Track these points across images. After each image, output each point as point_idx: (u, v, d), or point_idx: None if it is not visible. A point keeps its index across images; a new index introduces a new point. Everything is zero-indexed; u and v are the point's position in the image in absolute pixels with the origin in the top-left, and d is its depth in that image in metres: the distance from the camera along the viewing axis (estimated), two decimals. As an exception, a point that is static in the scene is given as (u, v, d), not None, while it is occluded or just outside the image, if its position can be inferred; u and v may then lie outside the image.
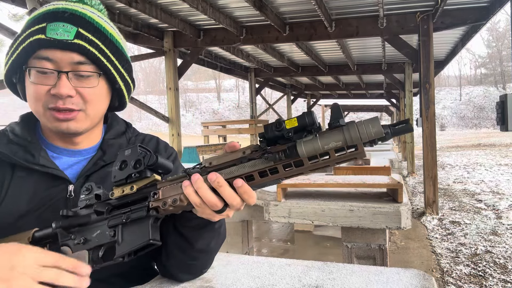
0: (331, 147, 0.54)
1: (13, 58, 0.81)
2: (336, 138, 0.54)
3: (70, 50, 0.78)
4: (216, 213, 0.64)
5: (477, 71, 61.06)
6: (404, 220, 1.91)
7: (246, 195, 0.62)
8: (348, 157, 0.55)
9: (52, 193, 0.83)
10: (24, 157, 0.81)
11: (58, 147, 0.88)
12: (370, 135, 0.53)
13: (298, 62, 9.93)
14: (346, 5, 5.41)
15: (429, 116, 5.27)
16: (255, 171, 0.59)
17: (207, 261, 0.88)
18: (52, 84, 0.78)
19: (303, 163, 0.56)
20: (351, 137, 0.53)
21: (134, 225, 0.66)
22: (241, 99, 57.91)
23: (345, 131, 0.54)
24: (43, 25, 0.77)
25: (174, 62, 6.51)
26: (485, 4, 5.26)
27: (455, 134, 37.05)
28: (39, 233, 0.72)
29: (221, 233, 0.86)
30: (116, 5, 5.04)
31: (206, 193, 0.62)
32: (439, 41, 7.18)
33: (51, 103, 0.79)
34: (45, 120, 0.82)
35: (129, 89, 0.92)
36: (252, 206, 2.76)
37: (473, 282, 3.14)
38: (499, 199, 6.19)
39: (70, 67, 0.79)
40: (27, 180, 0.82)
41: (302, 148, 0.55)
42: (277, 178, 0.59)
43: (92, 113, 0.84)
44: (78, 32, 0.78)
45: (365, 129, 0.53)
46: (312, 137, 0.55)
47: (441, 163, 11.92)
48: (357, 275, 0.86)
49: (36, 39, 0.77)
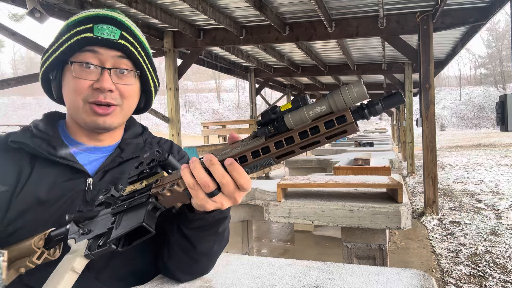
0: (316, 112, 0.54)
1: (56, 54, 0.86)
2: (320, 104, 0.55)
3: (115, 49, 0.86)
4: (209, 196, 0.64)
5: (477, 71, 61.08)
6: (404, 220, 1.91)
7: (236, 173, 0.62)
8: (338, 129, 0.54)
9: (71, 185, 0.86)
10: (47, 150, 0.86)
11: (81, 143, 0.93)
12: (353, 96, 0.52)
13: (298, 62, 9.93)
14: (346, 5, 5.42)
15: (429, 116, 5.27)
16: (247, 151, 0.60)
17: (208, 264, 0.89)
18: (95, 79, 0.85)
19: (294, 139, 0.57)
20: (334, 101, 0.53)
21: (132, 212, 0.68)
22: (241, 99, 57.93)
23: (329, 96, 0.54)
24: (89, 26, 0.85)
25: (174, 62, 6.51)
26: (485, 4, 5.26)
27: (455, 134, 37.06)
28: (54, 232, 0.75)
29: (224, 238, 0.86)
30: (116, 5, 5.04)
31: (199, 172, 0.63)
32: (439, 41, 7.18)
33: (92, 97, 0.85)
34: (82, 113, 0.87)
35: (156, 91, 1.00)
36: (252, 206, 2.76)
37: (473, 282, 3.14)
38: (499, 199, 6.19)
39: (112, 62, 0.87)
40: (48, 171, 0.86)
41: (289, 119, 0.56)
42: (269, 156, 0.59)
43: (126, 109, 0.92)
44: (122, 34, 0.87)
45: (347, 90, 0.52)
46: (299, 109, 0.56)
47: (441, 163, 11.92)
48: (357, 275, 0.86)
49: (84, 37, 0.84)
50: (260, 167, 0.61)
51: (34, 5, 3.85)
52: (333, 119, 0.54)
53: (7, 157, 0.85)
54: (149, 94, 0.99)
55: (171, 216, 0.84)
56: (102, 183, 0.88)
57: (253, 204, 2.70)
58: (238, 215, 2.83)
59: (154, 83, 0.98)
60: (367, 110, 0.54)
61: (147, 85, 0.96)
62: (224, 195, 0.65)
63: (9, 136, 0.87)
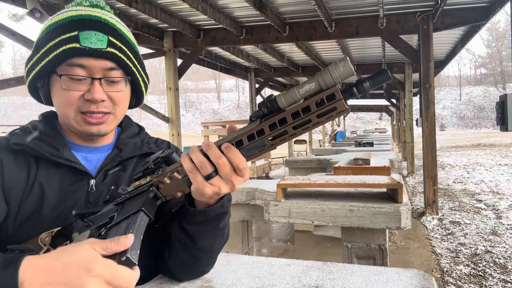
0: (306, 90, 0.57)
1: (42, 63, 0.83)
2: (309, 81, 0.57)
3: (104, 58, 0.83)
4: (206, 179, 0.66)
5: (477, 71, 61.08)
6: (404, 220, 1.91)
7: (231, 155, 0.64)
8: (328, 107, 0.56)
9: (75, 187, 0.86)
10: (49, 151, 0.85)
11: (76, 143, 0.92)
12: (340, 71, 0.54)
13: (298, 62, 9.93)
14: (346, 5, 5.42)
15: (429, 116, 5.27)
16: (243, 135, 0.63)
17: (208, 262, 0.89)
18: (85, 89, 0.83)
19: (286, 120, 0.59)
20: (323, 79, 0.55)
21: (133, 201, 0.69)
22: (241, 99, 57.92)
23: (317, 75, 0.56)
24: (75, 33, 0.81)
25: (174, 62, 6.51)
26: (485, 4, 5.26)
27: (455, 134, 37.05)
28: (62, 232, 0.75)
29: (224, 234, 0.87)
30: (116, 5, 5.04)
31: (197, 155, 0.66)
32: (439, 41, 7.18)
33: (84, 107, 0.84)
34: (75, 123, 0.86)
35: (146, 88, 1.00)
36: (252, 206, 2.76)
37: (473, 282, 3.14)
38: (499, 199, 6.19)
39: (102, 73, 0.84)
40: (53, 173, 0.85)
41: (281, 99, 0.59)
42: (264, 137, 0.61)
43: (119, 115, 0.91)
44: (109, 40, 0.84)
45: (334, 67, 0.54)
46: (291, 89, 0.59)
47: (441, 163, 11.92)
48: (357, 275, 0.86)
49: (71, 48, 0.80)
50: (256, 149, 0.63)
51: (34, 5, 3.85)
52: (323, 98, 0.56)
53: (14, 160, 0.84)
54: (140, 93, 0.98)
55: (172, 216, 0.84)
56: (105, 184, 0.88)
57: (253, 204, 2.70)
58: (238, 215, 2.83)
59: (145, 82, 0.97)
60: (355, 89, 0.55)
61: (138, 87, 0.95)
62: (222, 178, 0.67)
63: (11, 139, 0.86)
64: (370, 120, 50.30)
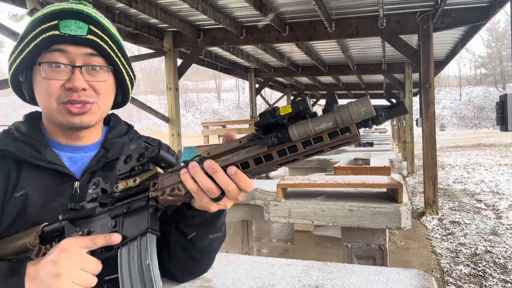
0: (322, 128, 0.54)
1: (23, 55, 0.82)
2: (326, 119, 0.54)
3: (84, 45, 0.82)
4: (214, 201, 0.65)
5: (477, 71, 61.06)
6: (404, 220, 1.91)
7: (241, 182, 0.62)
8: (342, 140, 0.55)
9: (60, 190, 0.85)
10: (31, 154, 0.83)
11: (60, 143, 0.90)
12: (361, 114, 0.53)
13: (298, 62, 9.93)
14: (346, 5, 5.41)
15: (429, 116, 5.26)
16: (249, 158, 0.60)
17: (208, 262, 0.89)
18: (66, 78, 0.81)
19: (297, 148, 0.57)
20: (341, 118, 0.53)
21: (134, 215, 0.68)
22: (241, 99, 57.90)
23: (336, 112, 0.54)
24: (55, 22, 0.81)
25: (174, 62, 6.51)
26: (485, 4, 5.26)
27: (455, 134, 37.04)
28: (48, 228, 0.75)
29: (222, 232, 0.86)
30: (116, 5, 5.04)
31: (202, 178, 0.63)
32: (439, 41, 7.18)
33: (65, 97, 0.82)
34: (57, 115, 0.84)
35: (132, 84, 0.97)
36: (252, 206, 2.76)
37: (473, 282, 3.14)
38: (499, 199, 6.19)
39: (82, 60, 0.83)
40: (35, 176, 0.83)
41: (293, 131, 0.56)
42: (272, 164, 0.59)
43: (103, 106, 0.88)
44: (90, 28, 0.83)
45: (355, 108, 0.53)
46: (304, 121, 0.56)
47: (441, 163, 11.92)
48: (357, 275, 0.86)
49: (50, 35, 0.80)
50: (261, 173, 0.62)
51: (34, 5, 3.85)
52: (337, 130, 0.54)
53: None
54: (126, 88, 0.95)
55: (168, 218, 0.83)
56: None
57: (253, 204, 2.70)
58: (238, 215, 2.83)
59: (130, 76, 0.94)
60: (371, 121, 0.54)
61: (122, 79, 0.92)
62: (228, 198, 0.66)
63: None
64: (370, 120, 50.11)
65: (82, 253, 0.65)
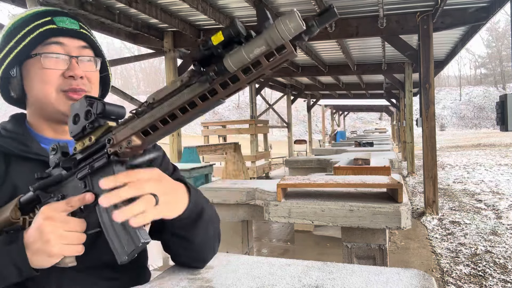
0: (256, 54, 0.53)
1: (18, 49, 0.86)
2: (259, 43, 0.53)
3: (78, 38, 0.91)
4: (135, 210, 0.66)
5: (477, 71, 61.07)
6: (404, 220, 1.91)
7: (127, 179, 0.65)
8: (281, 60, 0.53)
9: None
10: (18, 147, 0.87)
11: (48, 138, 0.93)
12: (290, 31, 0.51)
13: (298, 62, 9.93)
14: (346, 5, 5.42)
15: (429, 116, 5.27)
16: (195, 97, 0.58)
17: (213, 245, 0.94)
18: (64, 68, 0.88)
19: (238, 77, 0.55)
20: (272, 38, 0.52)
21: (100, 173, 0.68)
22: (241, 99, 57.92)
23: (265, 34, 0.52)
24: (49, 18, 0.88)
25: (174, 62, 6.51)
26: (485, 4, 5.26)
27: (455, 134, 37.05)
28: (24, 199, 0.77)
29: (214, 218, 0.92)
30: (116, 5, 5.04)
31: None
32: (439, 41, 7.18)
33: (66, 85, 0.88)
34: (57, 103, 0.88)
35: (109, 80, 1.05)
36: (252, 206, 2.76)
37: (473, 282, 3.14)
38: (499, 199, 6.19)
39: (77, 51, 0.90)
40: (24, 167, 0.86)
41: (228, 62, 0.54)
42: (219, 98, 0.57)
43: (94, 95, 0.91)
44: (80, 25, 0.92)
45: (283, 26, 0.51)
46: (237, 49, 0.54)
47: (441, 163, 11.92)
48: (357, 275, 0.86)
49: (48, 29, 0.86)
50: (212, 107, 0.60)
51: (34, 5, 3.85)
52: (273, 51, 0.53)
53: None
54: (107, 80, 1.03)
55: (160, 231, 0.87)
56: None
57: (253, 204, 2.70)
58: (238, 215, 2.83)
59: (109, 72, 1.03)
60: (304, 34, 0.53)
61: (105, 72, 1.01)
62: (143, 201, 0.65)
63: None
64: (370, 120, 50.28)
65: (63, 217, 0.70)
